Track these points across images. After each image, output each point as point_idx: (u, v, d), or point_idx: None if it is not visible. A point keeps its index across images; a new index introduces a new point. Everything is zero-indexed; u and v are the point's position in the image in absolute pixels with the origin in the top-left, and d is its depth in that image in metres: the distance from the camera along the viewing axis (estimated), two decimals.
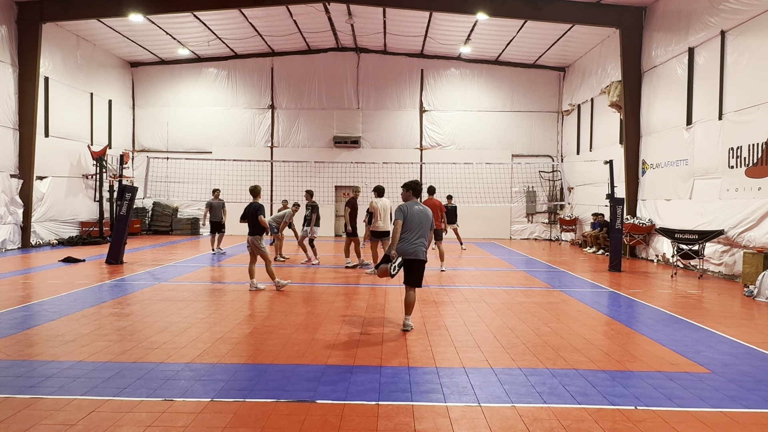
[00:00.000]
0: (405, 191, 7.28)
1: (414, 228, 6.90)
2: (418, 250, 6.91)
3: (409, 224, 6.90)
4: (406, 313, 7.02)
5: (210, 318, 7.52)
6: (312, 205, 13.85)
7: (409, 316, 7.02)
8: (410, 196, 7.25)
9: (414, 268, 6.95)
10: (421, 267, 7.00)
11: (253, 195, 10.11)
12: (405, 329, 6.91)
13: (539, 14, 16.32)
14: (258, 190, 10.20)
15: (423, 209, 7.05)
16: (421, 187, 7.39)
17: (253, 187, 10.21)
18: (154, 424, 4.05)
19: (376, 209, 11.97)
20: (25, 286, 10.03)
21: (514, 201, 22.84)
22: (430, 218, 7.08)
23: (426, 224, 7.00)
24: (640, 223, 15.41)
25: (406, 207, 7.01)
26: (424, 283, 10.92)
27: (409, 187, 7.28)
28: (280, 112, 23.70)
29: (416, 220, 6.93)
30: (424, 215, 7.01)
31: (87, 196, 20.17)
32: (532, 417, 4.27)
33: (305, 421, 4.13)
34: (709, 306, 8.95)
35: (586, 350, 6.13)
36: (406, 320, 6.98)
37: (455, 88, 23.47)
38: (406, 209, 6.98)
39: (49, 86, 17.97)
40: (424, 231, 6.96)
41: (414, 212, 6.96)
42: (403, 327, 6.96)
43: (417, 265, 6.95)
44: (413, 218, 6.93)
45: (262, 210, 9.83)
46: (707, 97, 12.91)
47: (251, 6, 17.28)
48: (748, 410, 4.47)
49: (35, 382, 4.88)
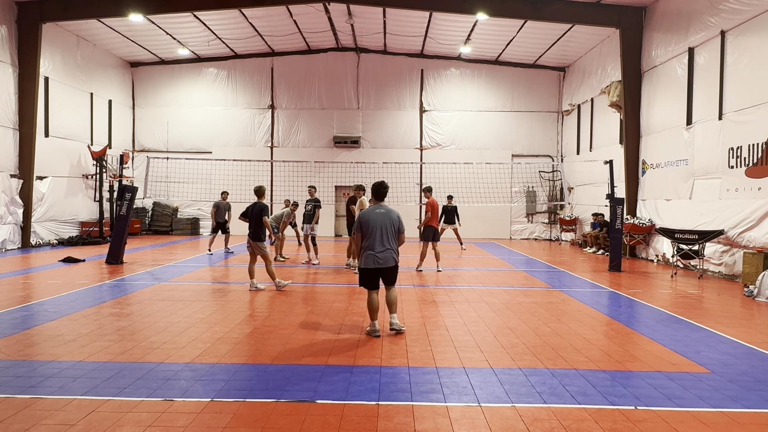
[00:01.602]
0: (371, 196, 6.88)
1: (376, 235, 6.54)
2: (387, 257, 6.58)
3: (370, 233, 6.55)
4: (391, 312, 6.81)
5: (210, 318, 7.52)
6: (314, 201, 13.85)
7: (394, 314, 6.79)
8: (373, 201, 6.88)
9: (387, 273, 6.71)
10: (394, 270, 6.74)
11: (257, 195, 10.11)
12: (394, 329, 6.68)
13: (539, 14, 16.32)
14: (263, 190, 10.18)
15: (385, 212, 6.65)
16: (384, 190, 6.85)
17: (258, 187, 10.22)
18: (154, 424, 4.05)
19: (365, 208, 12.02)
20: (25, 286, 10.02)
21: (514, 201, 22.84)
22: (394, 219, 6.66)
23: (390, 227, 6.60)
24: (640, 223, 15.41)
25: (363, 214, 6.67)
26: (424, 283, 10.96)
27: (372, 191, 6.85)
28: (280, 112, 23.71)
29: (378, 227, 6.55)
30: (387, 218, 6.61)
31: (87, 196, 20.17)
32: (532, 417, 4.27)
33: (305, 421, 4.13)
34: (709, 306, 8.95)
35: (586, 350, 6.12)
36: (393, 319, 6.76)
37: (455, 88, 23.47)
38: (364, 217, 6.63)
39: (49, 86, 17.97)
40: (385, 235, 6.56)
41: (373, 218, 6.59)
42: (390, 327, 6.72)
43: (389, 270, 6.70)
44: (374, 225, 6.55)
45: (266, 211, 9.84)
46: (707, 97, 12.91)
47: (251, 6, 17.28)
48: (748, 410, 4.47)
49: (35, 382, 4.88)
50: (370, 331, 6.65)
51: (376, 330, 6.62)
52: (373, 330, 6.62)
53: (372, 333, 6.62)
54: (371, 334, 6.61)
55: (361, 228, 6.63)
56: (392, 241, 6.64)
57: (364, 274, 6.72)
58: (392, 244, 6.64)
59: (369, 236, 6.58)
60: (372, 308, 6.69)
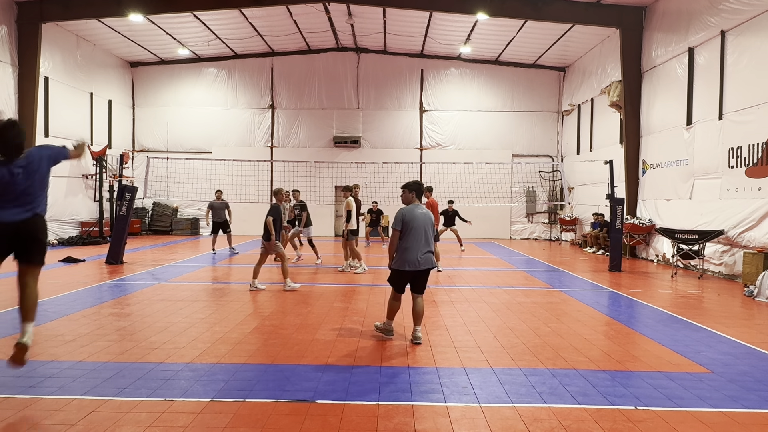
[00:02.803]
0: (406, 192, 6.43)
1: (419, 235, 6.16)
2: (428, 258, 6.26)
3: (414, 231, 6.15)
4: (416, 324, 6.38)
5: (210, 318, 7.52)
6: (300, 204, 13.88)
7: (419, 327, 6.38)
8: (412, 198, 6.42)
9: (424, 278, 6.38)
10: (428, 275, 6.45)
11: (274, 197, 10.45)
12: (416, 342, 6.24)
13: (539, 14, 16.32)
14: (278, 192, 10.46)
15: (425, 212, 6.31)
16: (423, 187, 6.64)
17: (276, 189, 10.59)
18: (154, 424, 4.05)
19: (353, 207, 12.23)
20: None
21: (514, 201, 22.84)
22: (432, 221, 6.39)
23: (430, 229, 6.30)
24: (640, 223, 15.41)
25: (407, 212, 6.22)
26: None
27: (411, 188, 6.42)
28: (280, 112, 23.71)
29: (421, 226, 6.18)
30: (428, 219, 6.29)
31: (87, 196, 20.17)
32: (532, 417, 4.26)
33: (305, 421, 4.13)
34: (709, 306, 8.95)
35: (586, 350, 6.12)
36: (416, 332, 6.33)
37: (455, 88, 23.47)
38: (408, 215, 6.19)
39: (49, 86, 17.97)
40: (428, 236, 6.26)
41: (417, 217, 6.20)
42: (413, 340, 6.28)
43: (426, 274, 6.38)
44: (417, 224, 6.16)
45: (272, 211, 9.89)
46: (707, 97, 12.91)
47: (251, 6, 17.29)
48: (748, 410, 4.46)
49: (35, 382, 4.88)
50: (384, 329, 6.43)
51: (391, 330, 6.45)
52: (388, 329, 6.43)
53: (386, 331, 6.42)
54: (384, 332, 6.42)
55: (403, 226, 6.18)
56: (432, 243, 6.34)
57: (398, 276, 6.31)
58: (432, 246, 6.34)
59: (410, 236, 6.16)
60: (393, 310, 6.44)
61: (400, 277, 6.35)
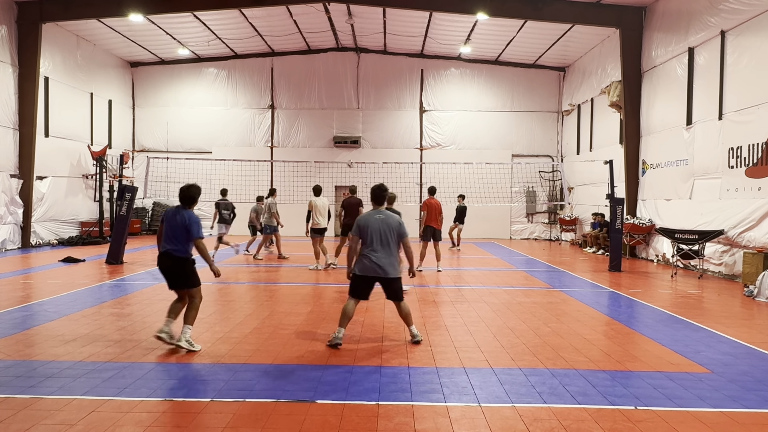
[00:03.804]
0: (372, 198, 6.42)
1: (374, 241, 6.08)
2: (385, 266, 6.09)
3: (368, 238, 6.09)
4: (408, 324, 6.42)
5: (210, 318, 7.52)
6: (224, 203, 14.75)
7: (412, 326, 6.41)
8: (373, 205, 6.41)
9: (387, 285, 6.22)
10: (393, 284, 6.22)
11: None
12: (415, 340, 6.29)
13: (539, 14, 16.31)
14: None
15: (385, 218, 6.16)
16: (384, 194, 6.38)
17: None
18: (154, 424, 4.05)
19: (315, 207, 12.56)
20: (25, 286, 10.02)
21: (514, 201, 22.83)
22: (395, 227, 6.18)
23: (390, 235, 6.13)
24: (640, 223, 15.41)
25: (362, 218, 6.23)
26: (424, 282, 10.96)
27: (372, 194, 6.39)
28: (280, 112, 23.70)
29: (375, 232, 6.08)
30: (386, 225, 6.13)
31: (87, 196, 20.17)
32: (532, 417, 4.27)
33: (305, 421, 4.13)
34: (709, 306, 8.95)
35: (586, 350, 6.12)
36: (412, 330, 6.37)
37: (455, 88, 23.46)
38: (363, 221, 6.18)
39: (49, 86, 17.97)
40: (385, 242, 6.10)
41: (371, 223, 6.13)
42: (412, 339, 6.32)
43: (386, 283, 6.19)
44: (372, 230, 6.09)
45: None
46: (707, 97, 12.91)
47: (251, 6, 17.28)
48: (748, 410, 4.47)
49: (35, 382, 4.88)
50: (333, 338, 6.11)
51: (339, 338, 6.08)
52: (336, 338, 6.09)
53: (334, 341, 6.08)
54: (332, 342, 6.09)
55: (360, 233, 6.18)
56: (391, 249, 6.15)
57: (355, 280, 6.25)
58: (391, 252, 6.16)
59: (367, 243, 6.14)
60: (345, 315, 6.18)
61: (355, 281, 6.26)
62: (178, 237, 6.00)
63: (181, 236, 5.99)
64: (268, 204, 14.39)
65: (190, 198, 6.22)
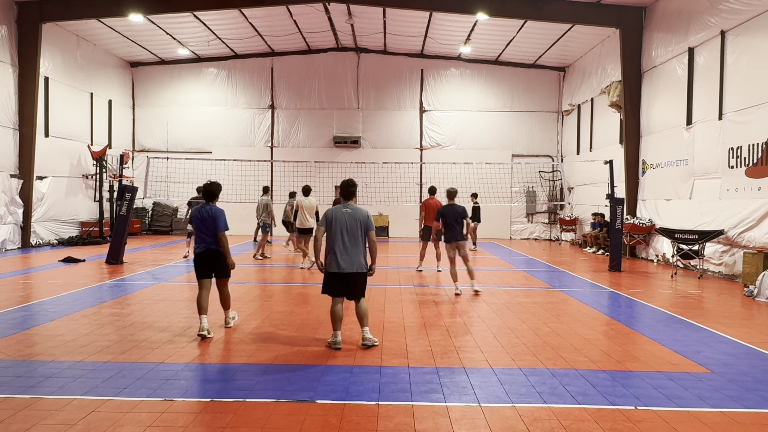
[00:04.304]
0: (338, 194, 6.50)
1: (338, 235, 5.97)
2: (352, 262, 5.98)
3: (332, 233, 6.01)
4: (362, 325, 6.14)
5: (210, 318, 7.50)
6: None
7: (366, 328, 6.12)
8: (340, 199, 6.39)
9: (351, 282, 6.05)
10: (358, 280, 6.07)
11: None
12: (365, 344, 6.05)
13: (539, 14, 16.31)
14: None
15: (351, 212, 6.03)
16: (353, 188, 6.21)
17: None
18: (154, 424, 4.05)
19: (302, 207, 12.68)
20: (25, 286, 10.02)
21: (514, 201, 22.82)
22: (362, 222, 6.03)
23: (356, 229, 6.00)
24: (640, 223, 15.41)
25: (329, 212, 6.11)
26: (425, 282, 10.96)
27: (340, 189, 6.34)
28: (280, 112, 23.70)
29: (341, 227, 5.98)
30: (353, 219, 6.00)
31: (87, 196, 20.17)
32: (532, 417, 4.27)
33: (305, 421, 4.13)
34: (709, 306, 8.95)
35: (586, 350, 6.12)
36: (365, 333, 6.10)
37: (455, 88, 23.45)
38: (330, 214, 6.07)
39: (49, 86, 17.96)
40: (351, 237, 5.99)
41: (338, 217, 6.02)
42: (362, 342, 6.08)
43: (353, 278, 6.04)
44: (338, 224, 5.99)
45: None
46: (707, 97, 12.90)
47: (251, 6, 17.29)
48: (748, 410, 4.47)
49: (35, 382, 4.88)
50: (331, 343, 6.07)
51: (338, 342, 6.03)
52: (335, 342, 6.04)
53: (333, 345, 6.03)
54: (332, 347, 6.02)
55: (326, 225, 6.08)
56: (358, 244, 6.03)
57: (326, 279, 6.13)
58: (357, 247, 6.03)
59: (332, 237, 6.01)
60: (335, 318, 6.09)
61: (329, 280, 6.12)
62: (211, 231, 6.55)
63: (214, 229, 6.54)
64: (266, 202, 14.66)
65: (211, 193, 6.75)
